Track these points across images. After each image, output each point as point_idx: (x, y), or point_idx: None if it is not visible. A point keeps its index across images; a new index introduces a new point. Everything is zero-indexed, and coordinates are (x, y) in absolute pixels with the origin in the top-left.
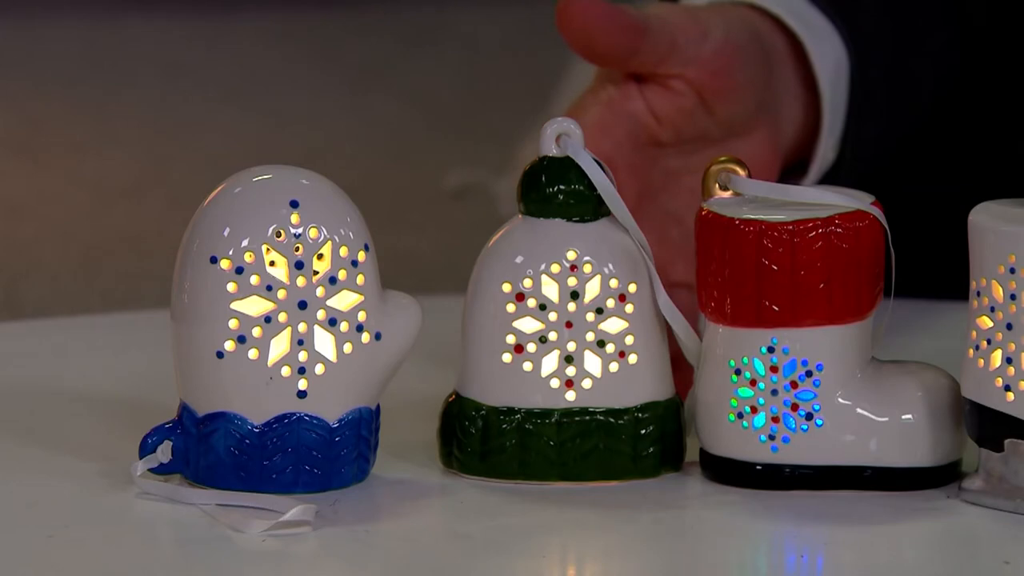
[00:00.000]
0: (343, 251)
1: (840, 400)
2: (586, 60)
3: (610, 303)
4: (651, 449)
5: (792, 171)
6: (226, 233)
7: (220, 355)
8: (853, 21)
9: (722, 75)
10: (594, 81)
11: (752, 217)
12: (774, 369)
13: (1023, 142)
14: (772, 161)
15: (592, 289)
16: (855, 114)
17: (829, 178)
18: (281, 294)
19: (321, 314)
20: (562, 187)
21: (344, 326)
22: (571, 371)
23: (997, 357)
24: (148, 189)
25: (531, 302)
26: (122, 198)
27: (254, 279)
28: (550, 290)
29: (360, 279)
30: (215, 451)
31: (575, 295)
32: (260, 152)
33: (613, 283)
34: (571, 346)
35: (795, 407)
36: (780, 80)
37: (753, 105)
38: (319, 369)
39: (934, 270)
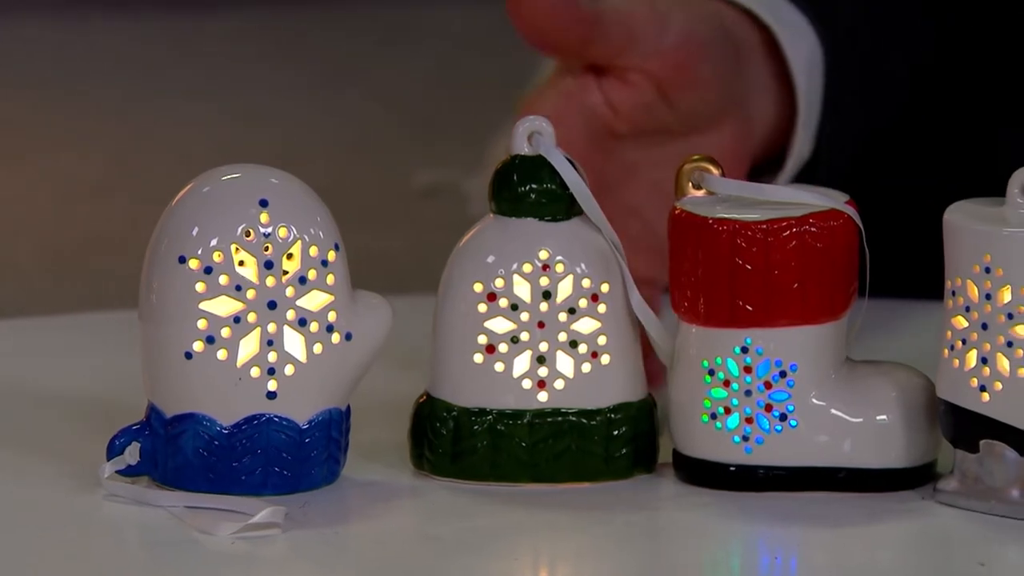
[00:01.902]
0: (313, 251)
1: (814, 401)
2: (539, 52)
3: (582, 303)
4: (624, 450)
5: (767, 166)
6: (195, 232)
7: (189, 356)
8: (827, 14)
9: (683, 69)
10: (553, 73)
11: (726, 216)
12: (748, 369)
13: (999, 138)
14: (739, 157)
15: (564, 289)
16: (830, 108)
17: (806, 173)
18: (250, 294)
19: (291, 314)
20: (534, 186)
21: (314, 326)
22: (543, 372)
23: (972, 357)
24: (116, 188)
25: (503, 302)
26: (90, 197)
27: (223, 279)
28: (522, 290)
29: (330, 279)
30: (183, 452)
31: (547, 295)
32: (229, 151)
33: (585, 283)
34: (543, 346)
35: (769, 408)
36: (750, 75)
37: (717, 100)
38: (289, 370)
39: (909, 269)
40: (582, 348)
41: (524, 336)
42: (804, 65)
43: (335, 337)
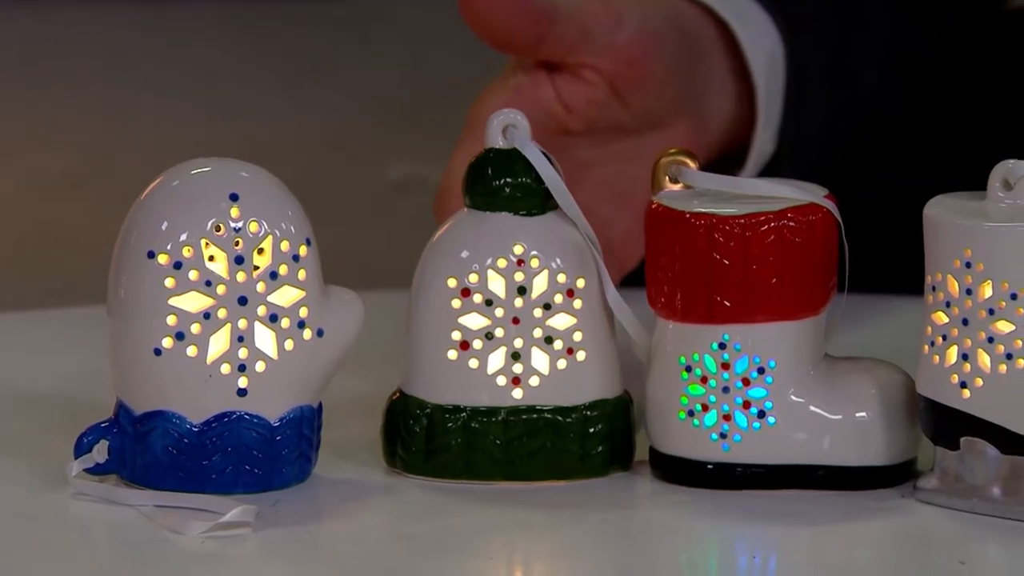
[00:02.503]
0: (284, 246)
1: (793, 398)
2: (492, 48)
3: (558, 299)
4: (599, 448)
5: (729, 162)
6: (164, 227)
7: (158, 352)
8: (789, 9)
9: (636, 65)
10: (506, 68)
11: (703, 211)
12: (725, 366)
13: (984, 130)
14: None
15: (539, 284)
16: (792, 104)
17: (770, 171)
18: (220, 290)
19: (262, 310)
20: (509, 180)
21: (285, 322)
22: (518, 368)
23: (953, 353)
24: (84, 182)
25: (477, 298)
26: (57, 191)
27: (193, 274)
28: (496, 285)
29: (302, 274)
30: (152, 451)
31: (522, 290)
32: (199, 144)
33: (561, 278)
34: (518, 343)
35: (747, 405)
36: (707, 71)
37: (672, 97)
38: (260, 366)
39: (889, 264)
40: (557, 344)
41: (499, 332)
42: (765, 62)
43: (307, 333)
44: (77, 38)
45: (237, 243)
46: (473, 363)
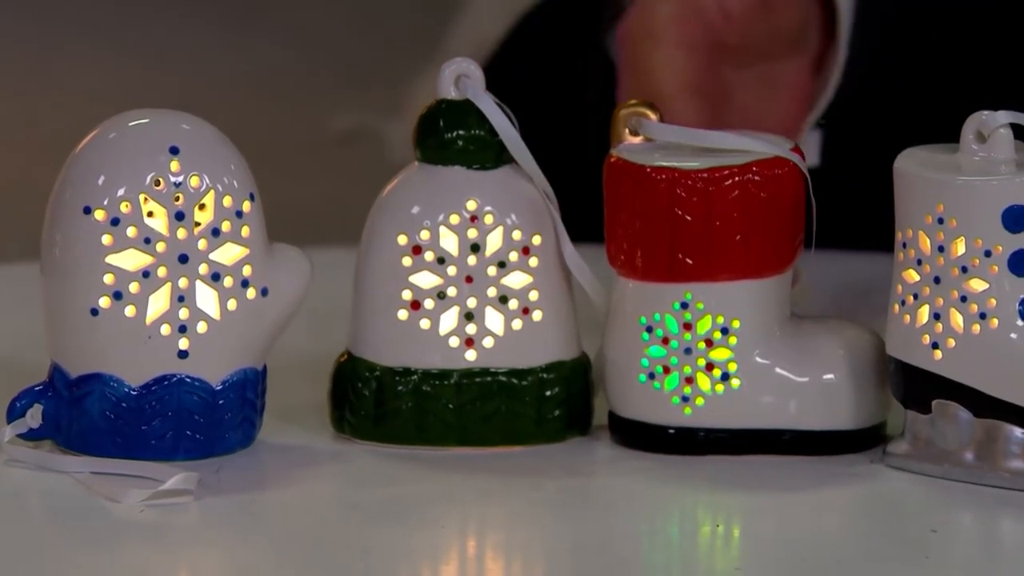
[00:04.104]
0: (227, 201)
1: (758, 359)
2: None
3: (513, 256)
4: (557, 412)
5: None
6: (100, 182)
7: (94, 312)
8: None
9: None
10: None
11: (664, 164)
12: (687, 326)
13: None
14: (807, 90)
15: (494, 241)
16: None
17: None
18: (160, 247)
19: (203, 268)
20: (461, 132)
21: (228, 281)
22: (471, 329)
23: (924, 313)
24: (14, 134)
25: (428, 255)
26: None
27: (131, 231)
28: (449, 242)
29: (245, 231)
30: (89, 415)
31: (475, 248)
32: (134, 95)
33: (516, 235)
34: (471, 302)
35: (710, 367)
36: None
37: (803, 23)
38: (201, 327)
39: (857, 219)
40: (512, 304)
41: (451, 291)
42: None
43: (250, 292)
44: None
45: (177, 198)
46: (424, 323)
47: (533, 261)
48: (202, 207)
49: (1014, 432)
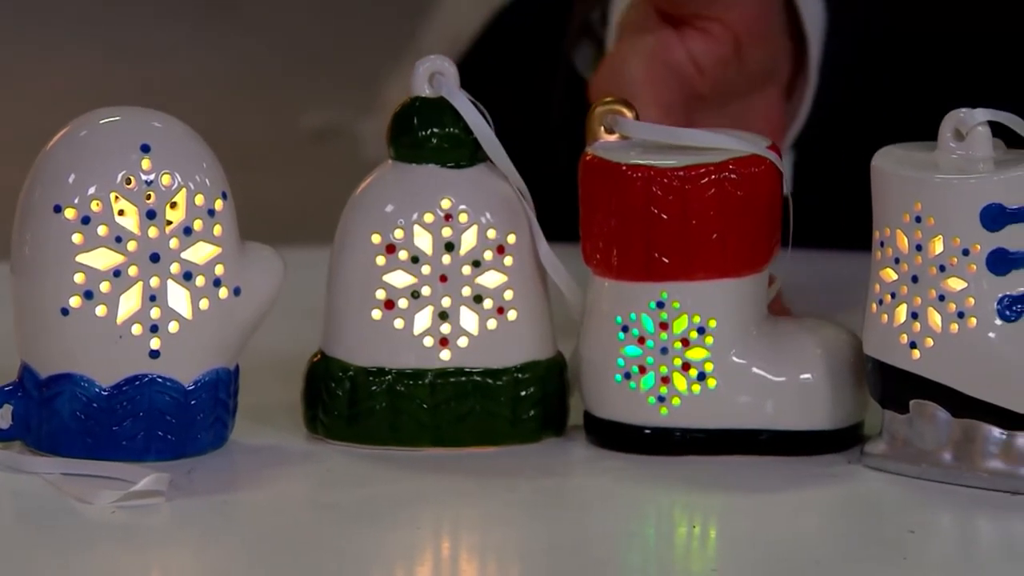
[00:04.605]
0: (199, 199)
1: (734, 359)
2: None
3: (487, 255)
4: (532, 412)
5: None
6: (71, 180)
7: (65, 312)
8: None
9: (761, 20)
10: (623, 29)
11: (640, 162)
12: (664, 326)
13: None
14: (779, 123)
15: (468, 240)
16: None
17: None
18: (131, 246)
19: (175, 267)
20: (436, 130)
21: (200, 280)
22: (446, 328)
23: (902, 312)
24: None
25: (402, 254)
26: None
27: (102, 230)
28: (423, 241)
29: (217, 230)
30: (59, 416)
31: (450, 247)
32: (104, 92)
33: (491, 234)
34: (446, 302)
35: (686, 367)
36: None
37: (777, 55)
38: (173, 327)
39: (834, 218)
40: (487, 303)
41: (425, 291)
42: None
43: (222, 292)
44: None
45: (149, 197)
46: (398, 323)
47: (508, 260)
48: (174, 205)
49: (992, 432)
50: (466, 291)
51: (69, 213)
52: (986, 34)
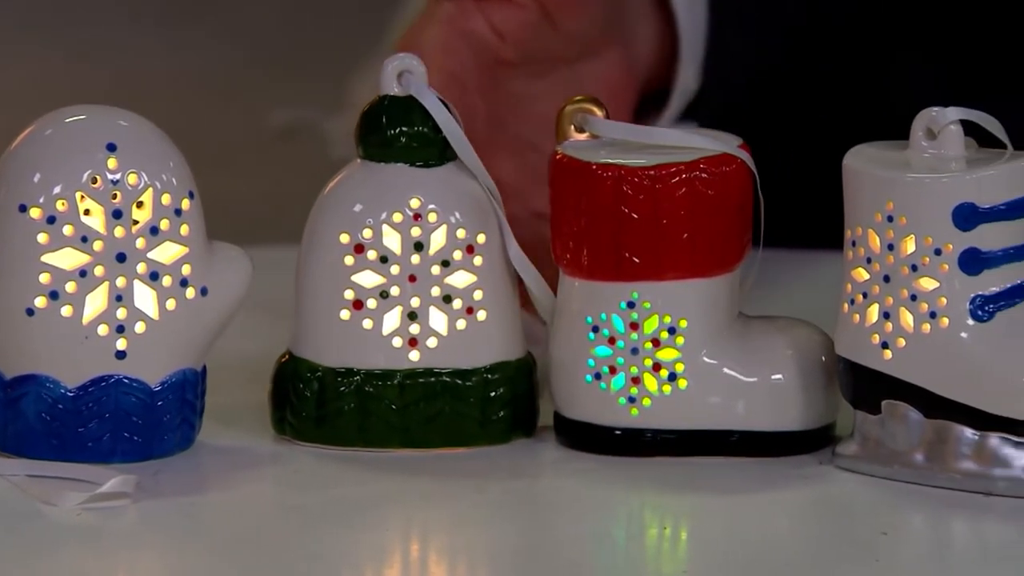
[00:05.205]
0: (165, 199)
1: (705, 359)
2: None
3: (457, 255)
4: (501, 413)
5: (653, 101)
6: (36, 179)
7: (30, 312)
8: None
9: None
10: (428, 2)
11: (610, 161)
12: (634, 326)
13: (902, 76)
14: (626, 83)
15: (437, 240)
16: (717, 41)
17: (694, 110)
18: (97, 246)
19: (141, 267)
20: (405, 129)
21: (167, 280)
22: (415, 329)
23: (874, 312)
24: None
25: (371, 254)
26: None
27: (67, 229)
28: (392, 241)
29: (184, 229)
30: (24, 417)
31: (419, 246)
32: (69, 90)
33: (460, 233)
34: (415, 302)
35: (657, 367)
36: None
37: (601, 20)
38: (139, 327)
39: (806, 218)
40: (456, 303)
41: (394, 291)
42: None
43: (189, 292)
44: None
45: (115, 196)
46: (367, 323)
47: (477, 260)
48: (140, 205)
49: (964, 433)
50: (435, 291)
51: (34, 213)
52: (959, 30)
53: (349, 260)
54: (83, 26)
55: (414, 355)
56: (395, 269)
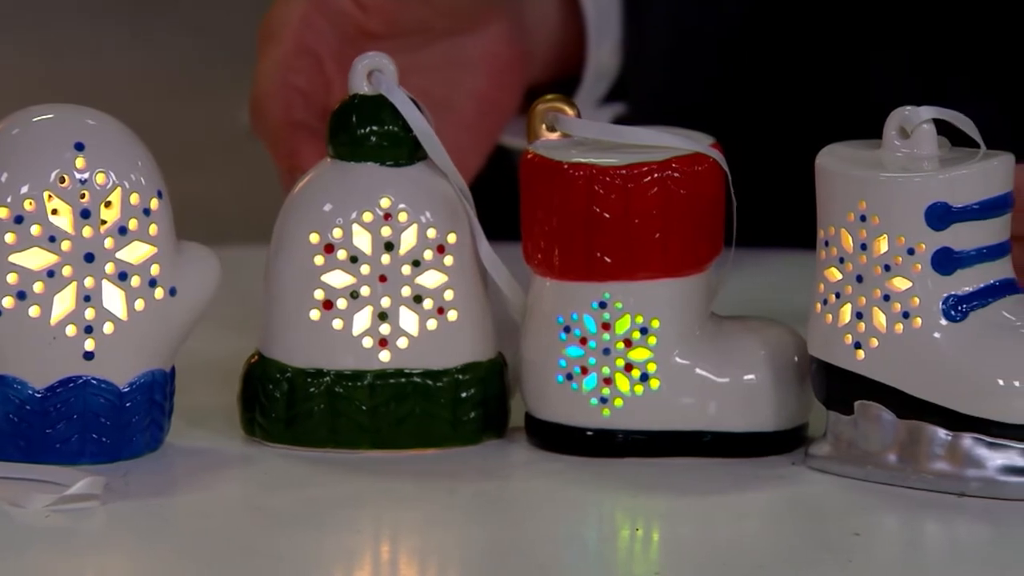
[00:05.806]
0: (134, 198)
1: (677, 360)
2: None
3: (427, 255)
4: (472, 414)
5: (572, 82)
6: (3, 179)
7: None
8: None
9: None
10: None
11: (582, 161)
12: (606, 326)
13: (869, 64)
14: (510, 59)
15: (408, 240)
16: (632, 19)
17: (619, 91)
18: (65, 246)
19: (110, 268)
20: (375, 128)
21: (135, 280)
22: (385, 329)
23: (846, 312)
24: None
25: (341, 254)
26: None
27: (35, 229)
28: (362, 241)
29: (152, 229)
30: None
31: (389, 246)
32: (35, 89)
33: (431, 233)
34: (385, 302)
35: (629, 367)
36: None
37: None
38: (107, 328)
39: (778, 217)
40: (427, 303)
41: (364, 291)
42: None
43: (158, 292)
44: None
45: (83, 196)
46: (337, 324)
47: (448, 260)
48: (108, 205)
49: (937, 433)
50: (406, 291)
51: (2, 212)
52: (934, 28)
53: (319, 260)
54: (53, 27)
55: (384, 356)
56: (365, 269)
